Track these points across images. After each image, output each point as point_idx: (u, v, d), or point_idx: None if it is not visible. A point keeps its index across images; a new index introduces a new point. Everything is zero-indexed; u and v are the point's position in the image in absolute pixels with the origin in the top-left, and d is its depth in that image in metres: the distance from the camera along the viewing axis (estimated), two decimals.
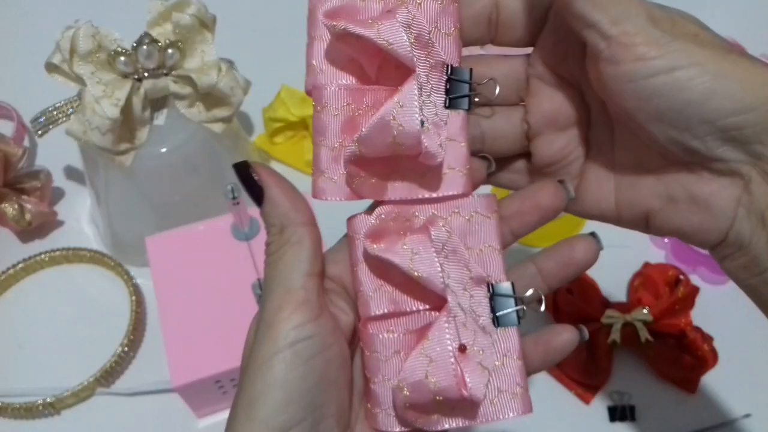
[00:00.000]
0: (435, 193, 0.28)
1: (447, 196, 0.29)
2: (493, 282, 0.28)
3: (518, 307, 0.28)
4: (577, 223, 0.61)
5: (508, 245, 0.30)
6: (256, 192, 0.28)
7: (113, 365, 0.55)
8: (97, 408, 0.55)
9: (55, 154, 0.66)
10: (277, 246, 0.28)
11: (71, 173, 0.67)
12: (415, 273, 0.27)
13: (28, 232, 0.63)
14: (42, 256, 0.61)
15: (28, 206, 0.61)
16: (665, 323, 0.53)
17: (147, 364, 0.57)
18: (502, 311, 0.28)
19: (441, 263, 0.27)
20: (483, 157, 0.31)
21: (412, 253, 0.27)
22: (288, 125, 0.66)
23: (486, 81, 0.29)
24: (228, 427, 0.26)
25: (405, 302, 0.28)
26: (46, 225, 0.63)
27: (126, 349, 0.56)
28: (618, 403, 0.53)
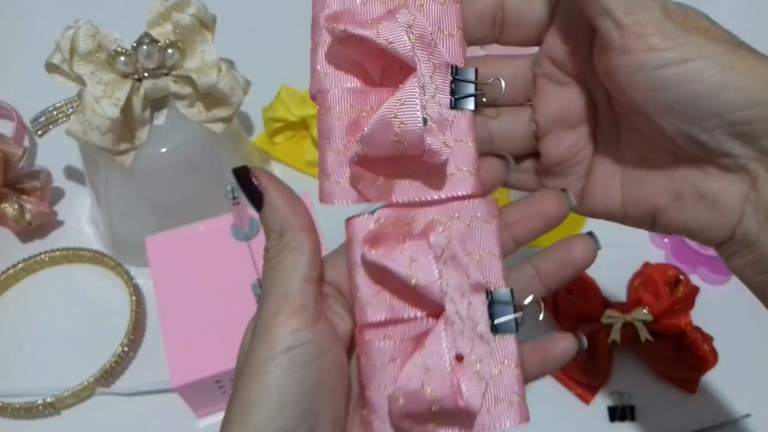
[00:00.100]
0: (443, 194, 0.28)
1: (451, 199, 0.28)
2: (492, 288, 0.28)
3: (517, 315, 0.28)
4: (578, 223, 0.61)
5: (510, 253, 0.30)
6: (256, 197, 0.28)
7: (113, 365, 0.55)
8: (97, 408, 0.55)
9: (55, 154, 0.66)
10: (276, 251, 0.28)
11: (71, 173, 0.67)
12: (413, 280, 0.26)
13: (28, 232, 0.63)
14: (42, 256, 0.61)
15: (28, 206, 0.61)
16: (665, 323, 0.53)
17: (147, 364, 0.57)
18: (500, 318, 0.28)
19: (439, 270, 0.27)
20: (500, 157, 0.30)
21: (411, 259, 0.26)
22: (288, 125, 0.66)
23: (492, 80, 0.29)
24: (222, 429, 0.26)
25: (403, 309, 0.28)
26: (46, 225, 0.63)
27: (126, 349, 0.56)
28: (618, 403, 0.53)
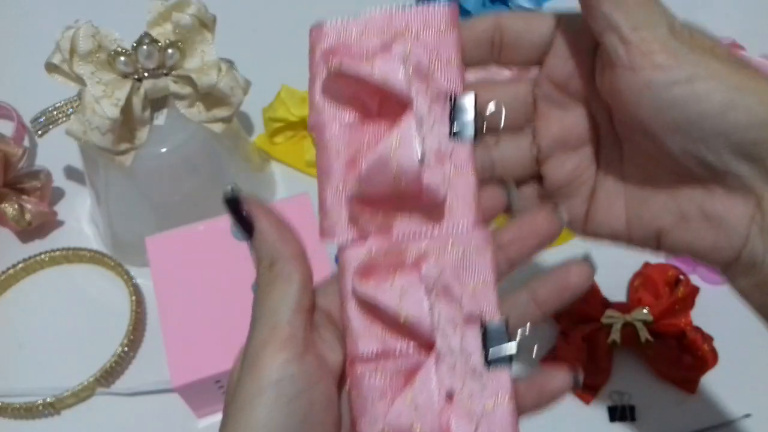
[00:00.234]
0: (443, 226, 0.28)
1: (448, 229, 0.28)
2: (486, 319, 0.28)
3: (511, 348, 0.28)
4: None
5: (504, 275, 0.29)
6: (246, 226, 0.28)
7: (113, 365, 0.55)
8: (97, 408, 0.55)
9: (55, 154, 0.66)
10: (266, 280, 0.27)
11: (71, 173, 0.67)
12: (403, 316, 0.26)
13: (28, 232, 0.63)
14: (42, 256, 0.61)
15: (28, 206, 0.61)
16: (665, 323, 0.53)
17: (147, 364, 0.57)
18: (494, 351, 0.27)
19: (431, 303, 0.27)
20: (501, 182, 0.30)
21: (401, 293, 0.26)
22: (288, 125, 0.66)
23: (492, 109, 0.29)
24: None
25: (394, 342, 0.27)
26: (46, 225, 0.63)
27: (126, 349, 0.56)
28: (618, 403, 0.53)
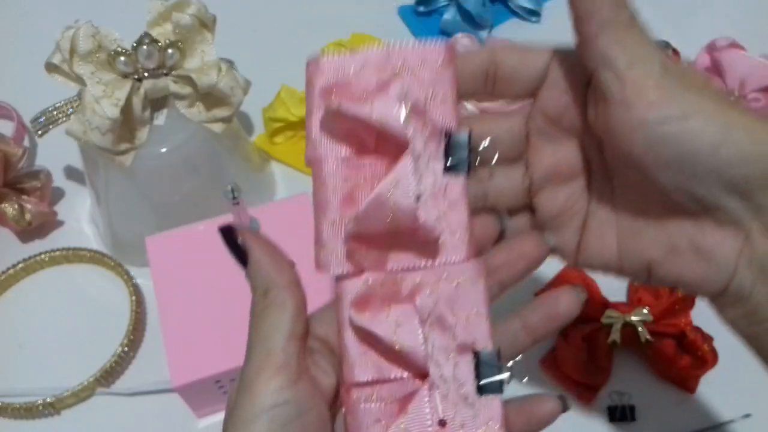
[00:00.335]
0: (436, 261, 0.29)
1: (442, 263, 0.29)
2: (479, 348, 0.28)
3: (502, 376, 0.28)
4: None
5: (495, 298, 0.30)
6: (241, 255, 0.29)
7: (113, 365, 0.55)
8: (97, 408, 0.55)
9: (55, 154, 0.66)
10: (261, 308, 0.28)
11: (71, 173, 0.67)
12: (397, 345, 0.27)
13: (28, 232, 0.63)
14: (42, 256, 0.61)
15: (28, 206, 0.61)
16: (665, 323, 0.53)
17: (147, 364, 0.57)
18: (486, 379, 0.28)
19: (425, 333, 0.27)
20: (494, 212, 0.31)
21: (396, 324, 0.27)
22: (288, 125, 0.66)
23: (485, 145, 0.30)
24: None
25: (390, 369, 0.28)
26: (46, 225, 0.63)
27: (126, 349, 0.56)
28: (618, 403, 0.53)
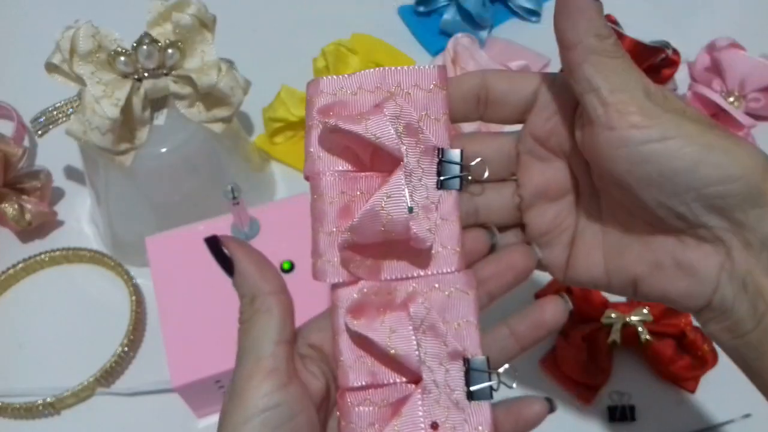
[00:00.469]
0: (428, 271, 0.30)
1: (434, 273, 0.30)
2: (469, 356, 0.30)
3: (492, 383, 0.29)
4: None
5: (485, 308, 0.31)
6: (227, 264, 0.30)
7: (113, 365, 0.55)
8: (97, 408, 0.55)
9: (55, 154, 0.66)
10: (248, 315, 0.29)
11: (71, 173, 0.67)
12: (392, 351, 0.28)
13: (28, 232, 0.63)
14: (42, 256, 0.61)
15: (28, 206, 0.61)
16: (665, 323, 0.53)
17: (147, 364, 0.57)
18: (476, 386, 0.29)
19: (418, 340, 0.29)
20: (485, 228, 0.33)
21: (390, 330, 0.28)
22: (288, 125, 0.66)
23: (476, 162, 0.31)
24: None
25: (383, 374, 0.29)
26: (46, 225, 0.63)
27: (126, 349, 0.56)
28: (618, 403, 0.53)
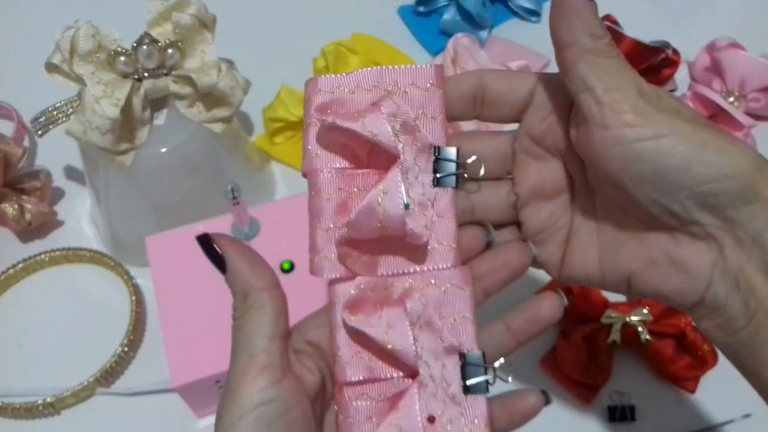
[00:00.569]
0: (425, 267, 0.30)
1: (430, 269, 0.30)
2: (465, 351, 0.30)
3: (487, 377, 0.30)
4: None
5: (481, 304, 0.32)
6: (219, 262, 0.30)
7: (113, 365, 0.55)
8: (97, 408, 0.55)
9: (55, 154, 0.66)
10: (241, 311, 0.29)
11: (71, 173, 0.67)
12: (389, 345, 0.28)
13: (28, 232, 0.63)
14: (42, 256, 0.61)
15: (28, 206, 0.61)
16: (665, 323, 0.53)
17: (147, 364, 0.57)
18: (472, 380, 0.30)
19: (415, 335, 0.29)
20: (481, 225, 0.33)
21: (388, 326, 0.29)
22: (288, 125, 0.66)
23: (472, 160, 0.31)
24: None
25: (380, 369, 0.30)
26: (46, 225, 0.63)
27: (126, 349, 0.56)
28: (618, 403, 0.53)
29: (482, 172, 0.32)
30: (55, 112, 0.56)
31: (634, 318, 0.53)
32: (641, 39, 0.68)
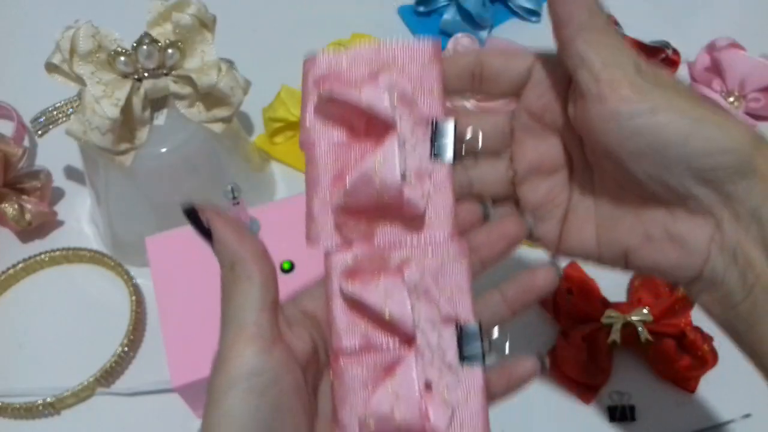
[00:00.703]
0: (422, 236, 0.30)
1: (427, 240, 0.30)
2: (461, 322, 0.30)
3: (484, 347, 0.30)
4: None
5: (477, 275, 0.32)
6: (206, 233, 0.29)
7: (113, 365, 0.55)
8: (97, 408, 0.55)
9: (55, 154, 0.66)
10: (229, 282, 0.29)
11: (71, 173, 0.67)
12: (387, 313, 0.28)
13: (28, 232, 0.63)
14: (42, 256, 0.61)
15: (28, 206, 0.61)
16: (665, 323, 0.53)
17: (147, 364, 0.57)
18: (468, 350, 0.30)
19: (412, 303, 0.29)
20: (478, 200, 0.33)
21: (386, 293, 0.28)
22: (288, 125, 0.66)
23: (470, 135, 0.32)
24: None
25: (377, 337, 0.29)
26: (46, 225, 0.63)
27: (126, 349, 0.56)
28: (618, 403, 0.53)
29: (480, 147, 0.32)
30: (55, 112, 0.56)
31: (634, 318, 0.53)
32: (641, 39, 0.68)
